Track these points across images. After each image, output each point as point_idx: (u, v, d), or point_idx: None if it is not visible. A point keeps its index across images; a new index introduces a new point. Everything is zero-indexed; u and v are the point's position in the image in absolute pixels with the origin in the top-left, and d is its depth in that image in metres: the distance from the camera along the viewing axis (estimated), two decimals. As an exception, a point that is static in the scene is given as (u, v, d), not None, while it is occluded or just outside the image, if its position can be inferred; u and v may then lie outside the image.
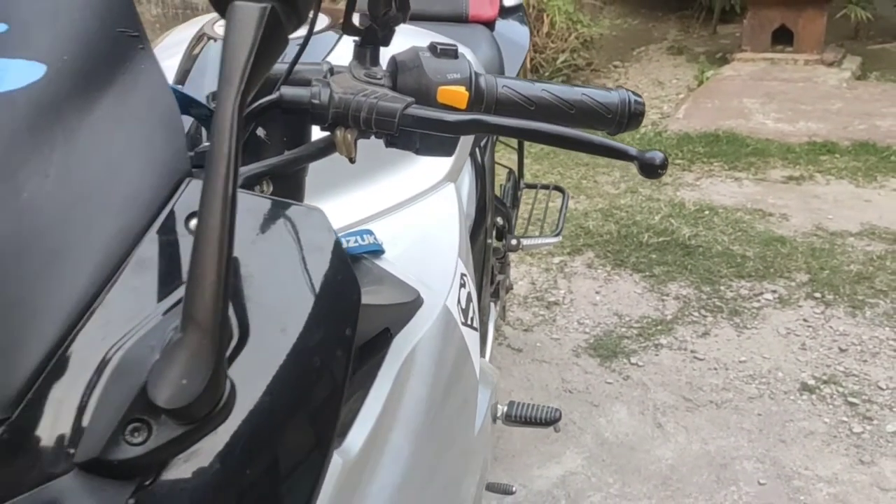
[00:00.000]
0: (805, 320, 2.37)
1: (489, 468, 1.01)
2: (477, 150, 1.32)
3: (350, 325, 0.48)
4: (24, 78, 0.42)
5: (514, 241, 1.65)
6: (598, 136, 0.58)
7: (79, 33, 0.44)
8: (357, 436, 0.54)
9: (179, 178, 0.46)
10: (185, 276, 0.44)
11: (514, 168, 1.84)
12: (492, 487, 1.35)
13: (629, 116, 0.65)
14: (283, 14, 0.40)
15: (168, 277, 0.44)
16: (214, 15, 0.98)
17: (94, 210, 0.43)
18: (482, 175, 1.30)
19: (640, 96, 0.65)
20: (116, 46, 0.45)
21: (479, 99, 0.61)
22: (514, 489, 1.41)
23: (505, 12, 1.53)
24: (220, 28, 0.92)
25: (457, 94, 0.59)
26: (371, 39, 0.60)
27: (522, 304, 2.53)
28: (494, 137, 1.61)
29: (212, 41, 0.87)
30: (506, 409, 1.28)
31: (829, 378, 2.11)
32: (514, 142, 1.80)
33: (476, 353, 0.77)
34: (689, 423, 1.98)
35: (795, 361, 2.19)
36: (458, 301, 0.74)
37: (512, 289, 2.22)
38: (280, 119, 0.59)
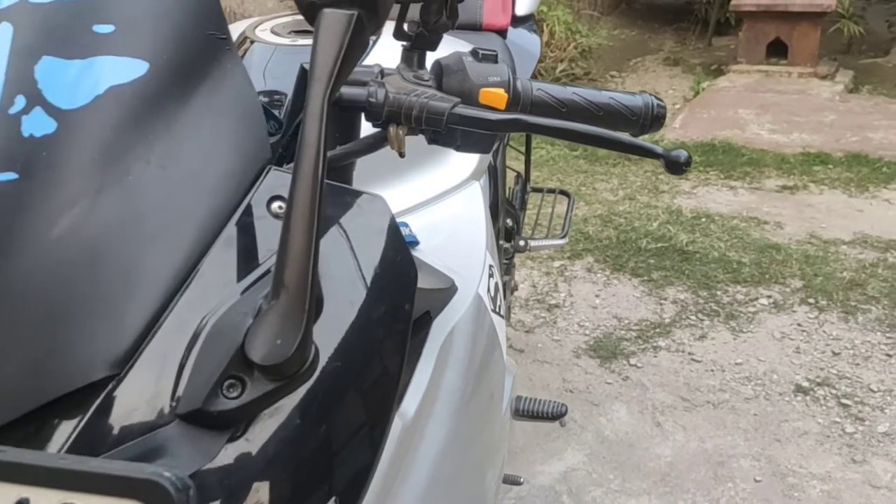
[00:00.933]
0: (799, 325, 2.43)
1: (506, 458, 1.06)
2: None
3: (409, 301, 0.54)
4: (130, 74, 0.47)
5: (522, 242, 1.70)
6: (626, 136, 0.63)
7: (175, 35, 0.50)
8: (410, 404, 0.59)
9: (262, 165, 0.51)
10: (266, 251, 0.50)
11: (522, 172, 1.90)
12: (503, 478, 1.40)
13: (652, 119, 0.70)
14: (366, 20, 0.45)
15: (253, 253, 0.49)
16: (255, 20, 1.03)
17: (188, 192, 0.48)
18: (495, 177, 1.36)
19: (661, 100, 0.71)
20: (207, 47, 0.51)
21: (517, 100, 0.67)
22: (521, 480, 1.46)
23: (517, 21, 1.59)
24: (261, 32, 0.97)
25: (497, 96, 0.64)
26: (420, 44, 0.65)
27: (524, 306, 2.58)
28: (506, 141, 1.66)
29: (254, 44, 0.92)
30: (514, 403, 1.33)
31: (822, 380, 2.17)
32: (522, 146, 1.86)
33: (503, 338, 0.83)
34: (686, 422, 2.04)
35: (790, 364, 2.25)
36: (488, 290, 0.79)
37: (517, 290, 2.28)
38: (335, 116, 0.65)
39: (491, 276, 0.82)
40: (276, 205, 0.50)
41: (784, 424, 2.01)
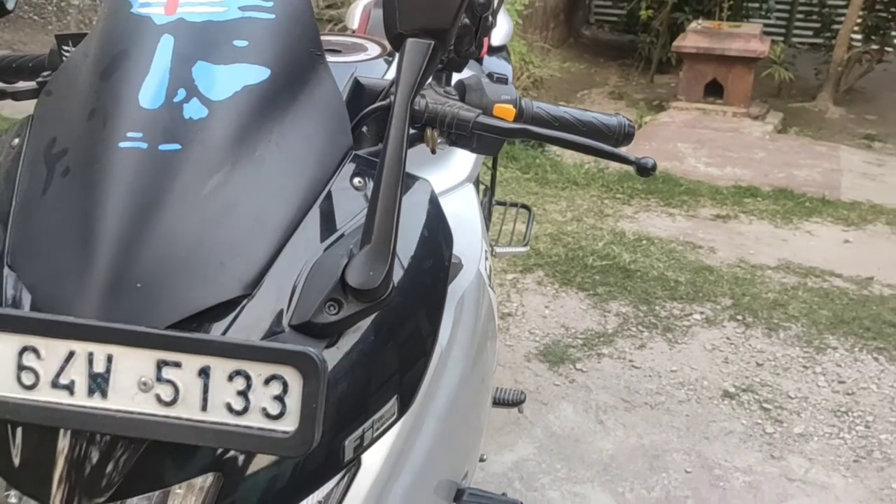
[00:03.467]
0: (728, 338, 2.68)
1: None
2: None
3: (447, 258, 0.71)
4: (258, 77, 0.64)
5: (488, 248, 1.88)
6: (607, 147, 0.82)
7: (288, 50, 0.66)
8: (438, 344, 0.76)
9: (346, 149, 0.68)
10: (348, 213, 0.66)
11: (488, 185, 2.08)
12: None
13: (624, 135, 0.89)
14: (438, 49, 0.63)
15: (340, 212, 0.66)
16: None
17: (296, 166, 0.65)
18: (476, 185, 1.54)
19: (632, 121, 0.90)
20: (308, 59, 0.68)
21: (521, 114, 0.85)
22: (484, 457, 1.63)
23: (492, 51, 1.79)
24: None
25: (507, 111, 0.82)
26: (451, 67, 0.83)
27: (479, 313, 2.76)
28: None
29: None
30: None
31: (747, 387, 2.41)
32: (489, 161, 2.05)
33: (496, 307, 1.01)
34: (626, 420, 2.24)
35: (719, 372, 2.48)
36: (486, 269, 0.97)
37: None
38: (381, 119, 0.82)
39: (486, 258, 1.00)
40: (356, 180, 0.67)
41: (712, 424, 2.23)
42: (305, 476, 0.61)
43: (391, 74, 1.11)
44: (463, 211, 1.04)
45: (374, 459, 0.66)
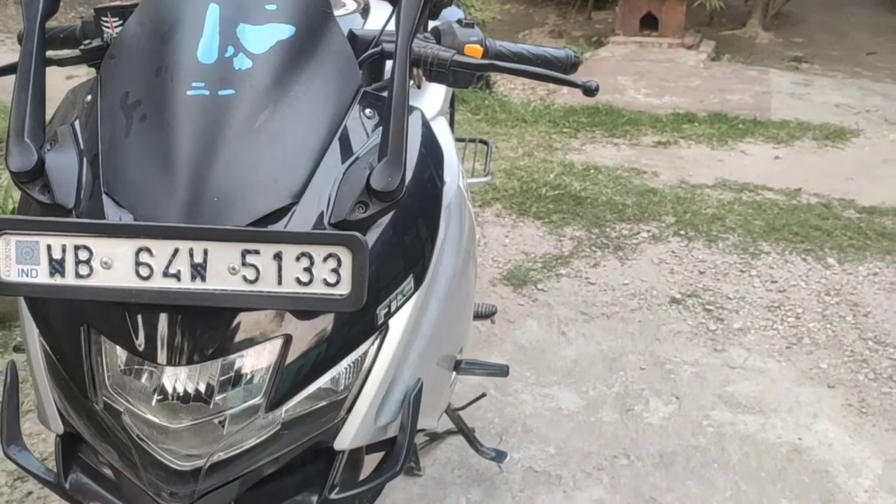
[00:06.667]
0: (673, 252, 2.93)
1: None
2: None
3: (440, 170, 0.90)
4: (287, 33, 0.81)
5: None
6: (558, 74, 1.01)
7: (307, 9, 0.83)
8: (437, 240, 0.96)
9: (357, 87, 0.86)
10: (364, 137, 0.84)
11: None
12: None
13: (571, 65, 1.08)
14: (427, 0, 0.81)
15: (359, 136, 0.84)
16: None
17: (321, 102, 0.82)
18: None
19: (577, 54, 1.09)
20: (322, 16, 0.85)
21: (487, 52, 1.03)
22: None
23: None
24: None
25: (476, 50, 1.01)
26: (429, 16, 1.00)
27: (444, 247, 2.96)
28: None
29: None
30: None
31: (691, 293, 2.67)
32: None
33: (475, 220, 1.20)
34: (586, 330, 2.48)
35: (666, 282, 2.74)
36: (464, 186, 1.16)
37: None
38: (375, 63, 0.99)
39: (462, 177, 1.19)
40: (367, 111, 0.85)
41: (662, 327, 2.49)
42: (351, 337, 0.81)
43: (370, 25, 1.28)
44: (441, 137, 1.22)
45: (397, 327, 0.85)
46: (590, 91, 1.01)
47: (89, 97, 0.84)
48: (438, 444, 1.96)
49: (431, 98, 1.31)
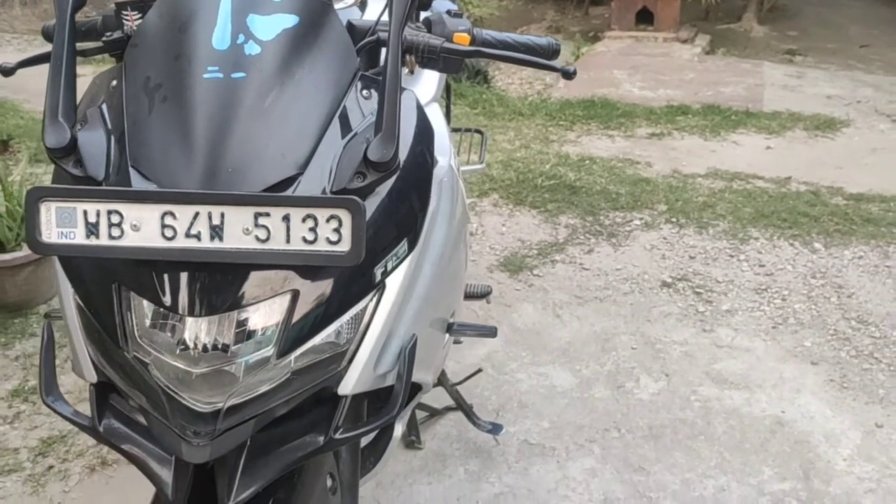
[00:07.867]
0: (665, 238, 3.02)
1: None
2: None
3: (431, 146, 0.99)
4: (291, 22, 0.90)
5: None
6: (541, 60, 1.10)
7: (308, 0, 0.93)
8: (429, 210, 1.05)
9: (354, 71, 0.95)
10: (361, 116, 0.94)
11: (444, 114, 2.35)
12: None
13: (552, 52, 1.17)
14: None
15: (357, 115, 0.93)
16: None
17: (323, 84, 0.92)
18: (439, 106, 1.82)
19: (558, 41, 1.18)
20: (322, 7, 0.94)
21: (474, 40, 1.12)
22: (461, 340, 1.94)
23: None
24: None
25: (464, 38, 1.10)
26: (420, 7, 1.10)
27: (443, 235, 3.06)
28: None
29: None
30: None
31: (681, 277, 2.76)
32: (444, 95, 2.32)
33: (465, 195, 1.30)
34: (580, 313, 2.57)
35: (657, 267, 2.83)
36: (455, 165, 1.25)
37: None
38: (371, 50, 1.09)
39: (454, 157, 1.28)
40: (364, 92, 0.95)
41: (653, 309, 2.58)
42: (351, 294, 0.90)
43: (367, 16, 1.37)
44: (433, 120, 1.32)
45: (393, 286, 0.95)
46: (567, 75, 1.10)
47: (115, 82, 0.93)
48: (438, 419, 2.06)
49: (425, 85, 1.41)
